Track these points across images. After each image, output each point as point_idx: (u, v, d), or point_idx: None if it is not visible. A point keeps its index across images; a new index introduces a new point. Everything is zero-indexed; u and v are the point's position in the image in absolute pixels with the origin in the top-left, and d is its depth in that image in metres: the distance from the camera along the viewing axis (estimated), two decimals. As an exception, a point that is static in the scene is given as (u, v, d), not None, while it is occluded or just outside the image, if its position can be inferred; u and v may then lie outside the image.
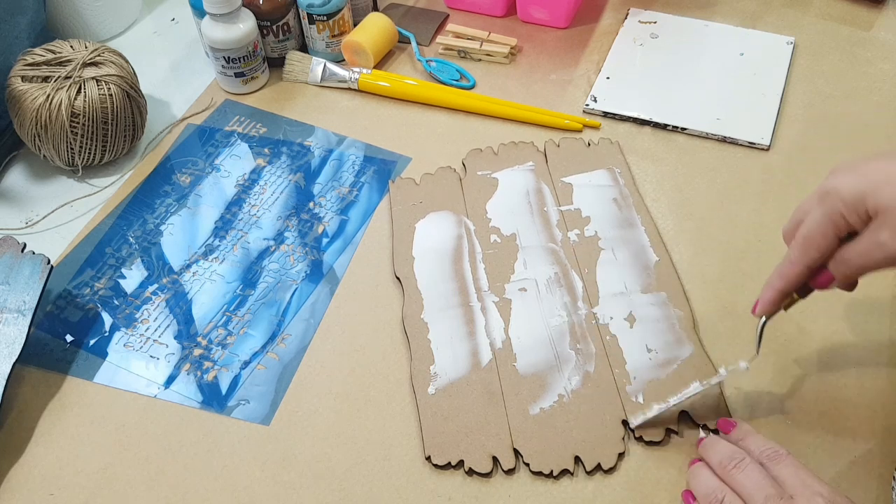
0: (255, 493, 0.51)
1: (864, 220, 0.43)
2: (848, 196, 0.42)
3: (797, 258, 0.46)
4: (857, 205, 0.42)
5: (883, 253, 0.42)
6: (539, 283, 0.60)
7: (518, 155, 0.70)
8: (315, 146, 0.73)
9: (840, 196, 0.42)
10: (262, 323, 0.60)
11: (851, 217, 0.43)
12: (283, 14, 0.77)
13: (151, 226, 0.67)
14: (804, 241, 0.45)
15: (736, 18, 0.82)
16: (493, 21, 0.84)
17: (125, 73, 0.69)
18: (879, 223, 0.42)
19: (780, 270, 0.47)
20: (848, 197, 0.42)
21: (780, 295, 0.48)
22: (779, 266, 0.47)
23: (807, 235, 0.45)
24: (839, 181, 0.43)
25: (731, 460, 0.46)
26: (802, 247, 0.45)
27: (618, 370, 0.54)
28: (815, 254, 0.45)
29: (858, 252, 0.43)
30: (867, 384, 0.54)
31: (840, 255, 0.44)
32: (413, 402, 0.54)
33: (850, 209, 0.42)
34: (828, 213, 0.43)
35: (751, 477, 0.45)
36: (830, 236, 0.44)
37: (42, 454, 0.53)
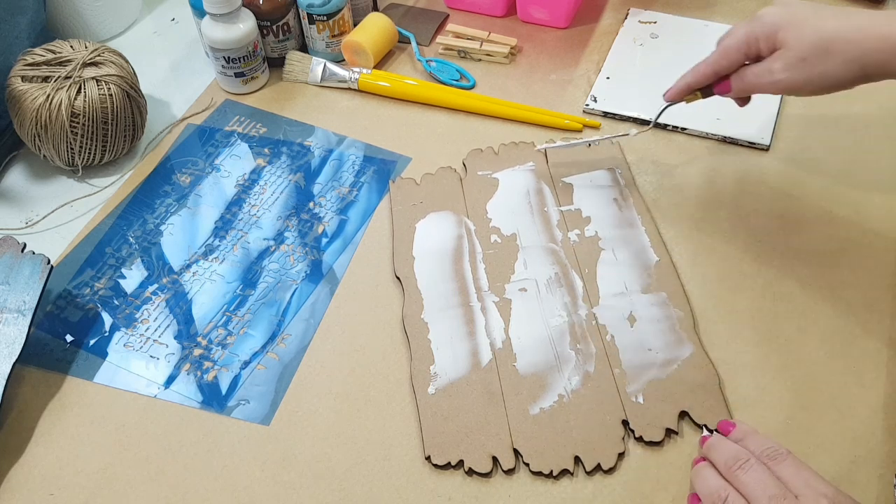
0: (255, 493, 0.51)
1: (771, 49, 0.51)
2: (768, 24, 0.51)
3: (711, 62, 0.55)
4: (770, 34, 0.51)
5: (771, 78, 0.51)
6: (539, 283, 0.60)
7: (518, 155, 0.70)
8: (315, 146, 0.73)
9: (762, 22, 0.51)
10: (262, 323, 0.60)
11: (763, 43, 0.51)
12: (283, 14, 0.77)
13: (151, 226, 0.67)
14: (721, 50, 0.54)
15: (736, 18, 0.82)
16: (493, 21, 0.84)
17: (125, 73, 0.69)
18: (777, 55, 0.51)
19: (695, 68, 0.57)
20: (767, 25, 0.51)
21: (688, 88, 0.58)
22: (696, 64, 0.57)
23: (725, 47, 0.54)
24: (769, 10, 0.51)
25: (737, 461, 0.46)
26: (718, 54, 0.54)
27: (618, 370, 0.54)
28: (725, 63, 0.54)
29: (754, 73, 0.53)
30: (867, 384, 0.54)
31: (741, 71, 0.54)
32: (413, 402, 0.54)
33: (765, 36, 0.51)
34: (747, 32, 0.52)
35: (755, 477, 0.45)
36: (742, 53, 0.53)
37: (42, 454, 0.53)
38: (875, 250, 0.61)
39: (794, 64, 0.50)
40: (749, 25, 0.52)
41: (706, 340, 0.56)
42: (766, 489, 0.44)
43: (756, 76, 0.53)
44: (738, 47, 0.53)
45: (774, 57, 0.51)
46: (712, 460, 0.48)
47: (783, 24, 0.50)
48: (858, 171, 0.67)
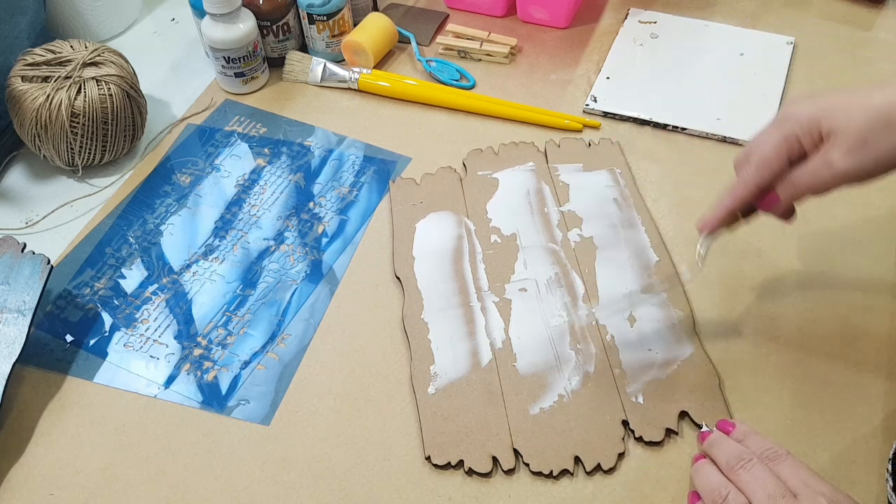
0: (255, 493, 0.51)
1: (816, 143, 0.45)
2: (804, 119, 0.45)
3: (751, 178, 0.47)
4: (811, 128, 0.45)
5: (831, 172, 0.44)
6: (539, 283, 0.60)
7: (518, 155, 0.70)
8: (315, 146, 0.73)
9: (796, 119, 0.45)
10: (262, 323, 0.60)
11: (805, 140, 0.45)
12: (283, 14, 0.77)
13: (151, 226, 0.67)
14: (760, 161, 0.47)
15: (736, 18, 0.83)
16: (493, 21, 0.84)
17: (125, 73, 0.69)
18: (831, 144, 0.44)
19: (731, 190, 0.49)
20: (804, 120, 0.45)
21: (729, 214, 0.50)
22: (731, 186, 0.49)
23: (762, 156, 0.47)
24: (796, 108, 0.46)
25: (739, 460, 0.46)
26: (757, 167, 0.47)
27: (618, 370, 0.54)
28: (768, 174, 0.47)
29: (808, 172, 0.45)
30: (867, 384, 0.54)
31: (790, 177, 0.46)
32: (413, 402, 0.54)
33: (804, 132, 0.45)
34: (784, 135, 0.46)
35: (755, 475, 0.45)
36: (784, 158, 0.46)
37: (42, 454, 0.53)
38: (875, 250, 0.61)
39: (856, 147, 0.43)
40: (781, 128, 0.46)
41: (706, 340, 0.56)
42: (766, 488, 0.44)
43: (812, 175, 0.45)
44: (778, 154, 0.46)
45: (828, 148, 0.44)
46: (714, 458, 0.48)
47: (823, 113, 0.44)
48: (858, 171, 0.67)
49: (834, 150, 0.44)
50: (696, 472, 0.48)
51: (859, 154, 0.43)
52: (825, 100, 0.45)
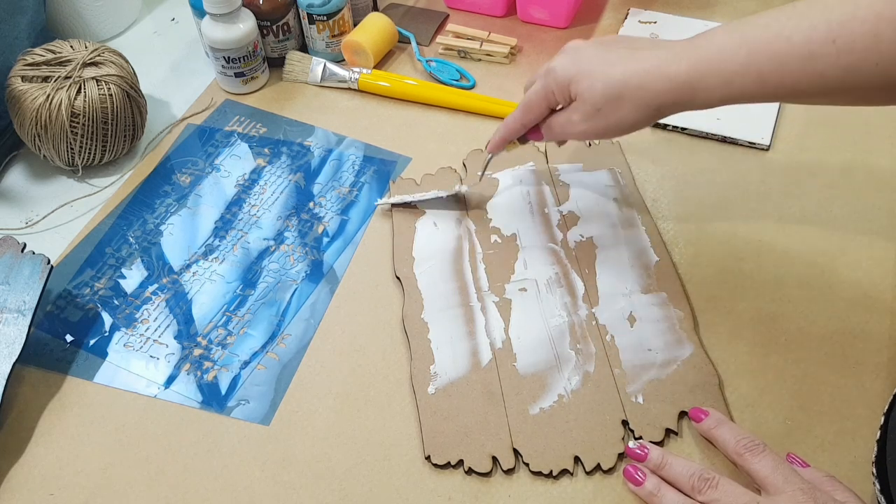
0: (255, 493, 0.51)
1: (568, 100, 0.53)
2: (560, 79, 0.52)
3: (518, 117, 0.57)
4: (563, 88, 0.52)
5: (573, 129, 0.53)
6: (539, 284, 0.60)
7: (519, 155, 0.70)
8: (315, 146, 0.73)
9: (555, 77, 0.52)
10: (261, 323, 0.60)
11: (560, 96, 0.53)
12: (283, 14, 0.77)
13: (151, 226, 0.67)
14: (525, 105, 0.56)
15: (736, 18, 0.82)
16: (493, 21, 0.84)
17: (125, 73, 0.69)
18: (573, 107, 0.52)
19: (505, 122, 0.58)
20: (560, 80, 0.52)
21: (504, 141, 0.59)
22: (506, 118, 0.58)
23: (527, 101, 0.55)
24: (559, 62, 0.52)
25: (704, 482, 0.46)
26: (523, 109, 0.56)
27: (618, 370, 0.54)
28: (531, 116, 0.56)
29: (558, 123, 0.54)
30: (867, 384, 0.54)
31: (547, 122, 0.55)
32: (413, 402, 0.54)
33: (559, 89, 0.52)
34: (544, 87, 0.53)
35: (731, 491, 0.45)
36: (543, 106, 0.54)
37: (42, 454, 0.53)
38: (875, 250, 0.61)
39: (591, 115, 0.51)
40: (544, 79, 0.53)
41: (706, 340, 0.56)
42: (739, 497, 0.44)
43: (561, 126, 0.54)
44: (538, 102, 0.54)
45: (572, 108, 0.52)
46: (670, 479, 0.47)
47: (574, 76, 0.51)
48: (858, 171, 0.67)
49: (575, 112, 0.52)
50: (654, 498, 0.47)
51: (593, 120, 0.51)
52: (581, 62, 0.51)
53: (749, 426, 0.52)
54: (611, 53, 0.51)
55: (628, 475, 0.49)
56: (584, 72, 0.50)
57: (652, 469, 0.48)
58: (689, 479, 0.46)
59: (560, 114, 0.54)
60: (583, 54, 0.51)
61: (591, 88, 0.50)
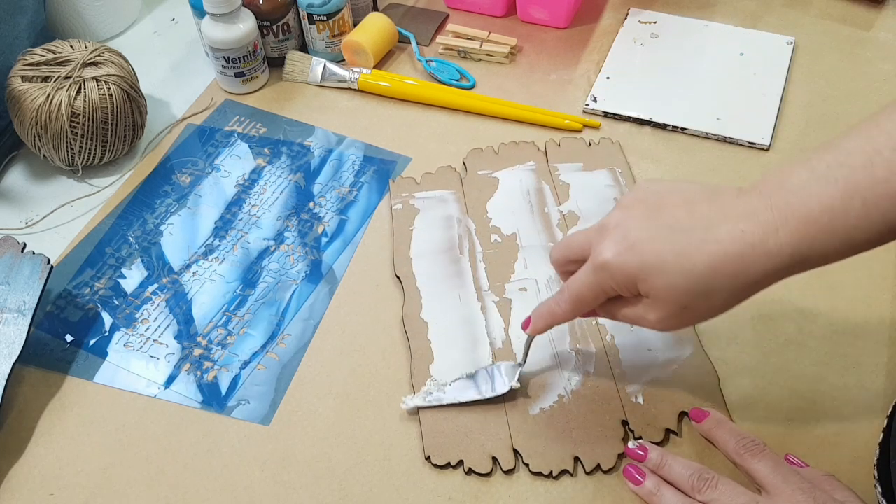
0: (255, 493, 0.51)
1: (634, 294, 0.44)
2: (619, 276, 0.43)
3: (568, 309, 0.47)
4: (628, 285, 0.43)
5: (649, 325, 0.44)
6: (539, 283, 0.60)
7: (519, 154, 0.70)
8: (315, 146, 0.73)
9: (612, 275, 0.43)
10: (261, 323, 0.60)
11: (622, 291, 0.44)
12: (283, 14, 0.77)
13: (151, 226, 0.67)
14: (577, 298, 0.46)
15: (736, 18, 0.82)
16: (493, 21, 0.84)
17: (125, 73, 0.69)
18: (649, 305, 0.43)
19: (551, 310, 0.48)
20: (619, 277, 0.43)
21: (549, 328, 0.50)
22: (551, 304, 0.48)
23: (580, 294, 0.46)
24: (612, 254, 0.43)
25: (704, 481, 0.45)
26: (574, 302, 0.46)
27: (618, 370, 0.54)
28: (585, 309, 0.47)
29: (627, 317, 0.46)
30: (867, 384, 0.54)
31: (609, 309, 0.46)
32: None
33: (621, 286, 0.44)
34: (598, 283, 0.44)
35: (730, 491, 0.45)
36: (600, 299, 0.46)
37: (42, 454, 0.53)
38: (875, 250, 0.61)
39: (674, 314, 0.43)
40: (597, 275, 0.44)
41: (706, 340, 0.56)
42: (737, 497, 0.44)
43: (629, 319, 0.46)
44: (593, 296, 0.45)
45: (645, 306, 0.44)
46: (669, 478, 0.47)
47: (638, 273, 0.42)
48: (858, 171, 0.67)
49: (651, 311, 0.43)
50: (653, 497, 0.47)
51: (677, 319, 0.43)
52: (643, 252, 0.42)
53: (749, 426, 0.52)
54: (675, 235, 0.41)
55: (628, 475, 0.49)
56: (651, 267, 0.41)
57: (651, 469, 0.48)
58: (689, 479, 0.46)
59: (626, 308, 0.45)
60: (638, 239, 0.42)
61: (671, 287, 0.41)
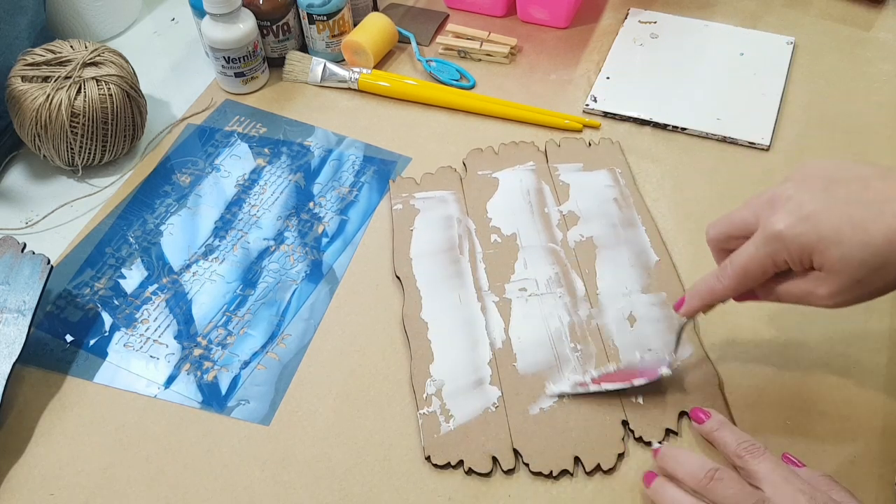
0: (255, 493, 0.51)
1: (805, 268, 0.43)
2: (795, 248, 0.42)
3: (730, 286, 0.46)
4: (802, 257, 0.42)
5: (815, 302, 0.43)
6: (539, 283, 0.60)
7: (518, 155, 0.70)
8: (315, 146, 0.73)
9: (786, 246, 0.42)
10: (261, 323, 0.60)
11: (794, 263, 0.43)
12: (283, 14, 0.77)
13: (151, 226, 0.67)
14: (743, 272, 0.45)
15: (736, 18, 0.83)
16: (493, 21, 0.84)
17: (125, 73, 0.69)
18: (822, 279, 0.42)
19: (710, 286, 0.47)
20: (794, 248, 0.42)
21: (706, 306, 0.49)
22: (711, 280, 0.47)
23: (746, 268, 0.45)
24: (787, 225, 0.42)
25: (706, 472, 0.45)
26: (739, 277, 0.45)
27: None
28: (750, 285, 0.46)
29: (792, 293, 0.44)
30: (867, 384, 0.54)
31: (773, 288, 0.45)
32: (413, 402, 0.54)
33: (793, 258, 0.43)
34: (770, 255, 0.43)
35: (731, 487, 0.44)
36: (768, 274, 0.44)
37: (42, 454, 0.53)
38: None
39: (848, 288, 0.42)
40: (769, 246, 0.43)
41: (706, 340, 0.56)
42: (746, 498, 0.43)
43: (795, 297, 0.44)
44: (761, 271, 0.44)
45: (817, 280, 0.43)
46: (673, 474, 0.47)
47: (815, 244, 0.41)
48: (858, 171, 0.67)
49: (822, 285, 0.42)
50: (657, 495, 0.47)
51: (851, 293, 0.42)
52: (819, 224, 0.41)
53: (749, 426, 0.52)
54: (852, 208, 0.41)
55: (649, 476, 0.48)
56: (828, 238, 0.41)
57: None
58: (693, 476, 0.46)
59: (795, 284, 0.44)
60: (814, 211, 0.42)
61: (847, 259, 0.41)
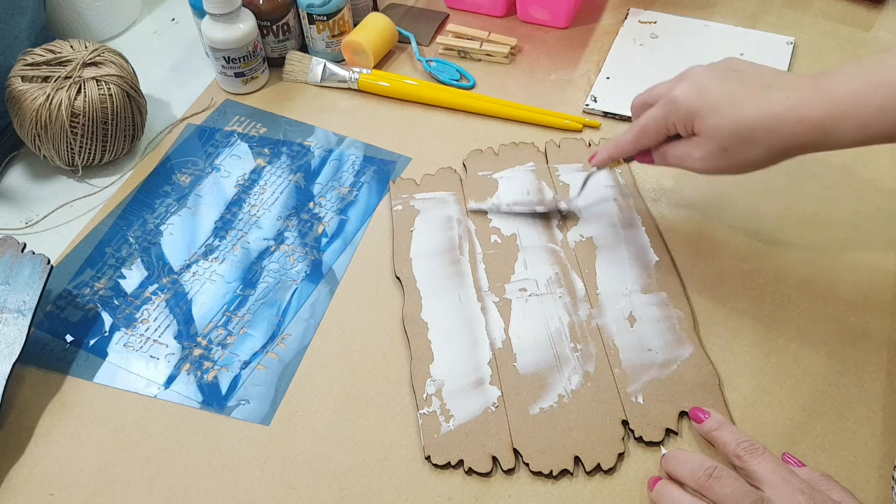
0: (255, 493, 0.51)
1: (689, 132, 0.51)
2: (682, 111, 0.50)
3: (631, 140, 0.55)
4: (686, 120, 0.50)
5: (692, 163, 0.51)
6: (539, 284, 0.60)
7: (518, 155, 0.70)
8: (315, 146, 0.73)
9: (677, 108, 0.50)
10: (262, 323, 0.60)
11: (680, 127, 0.51)
12: (283, 14, 0.77)
13: (151, 226, 0.67)
14: (641, 130, 0.54)
15: (736, 18, 0.83)
16: (493, 21, 0.84)
17: (125, 73, 0.69)
18: (697, 143, 0.50)
19: (616, 141, 0.57)
20: (682, 112, 0.50)
21: (612, 159, 0.58)
22: (618, 137, 0.57)
23: (644, 127, 0.53)
24: (682, 92, 0.50)
25: (704, 470, 0.45)
26: (638, 134, 0.54)
27: (618, 370, 0.54)
28: (645, 141, 0.54)
29: (675, 155, 0.52)
30: (867, 384, 0.54)
31: (662, 150, 0.54)
32: (413, 402, 0.54)
33: (680, 121, 0.50)
34: (664, 115, 0.51)
35: (729, 485, 0.44)
36: (661, 134, 0.53)
37: (42, 454, 0.53)
38: (875, 250, 0.61)
39: (715, 153, 0.49)
40: (664, 108, 0.51)
41: (706, 340, 0.56)
42: (745, 496, 0.43)
43: (677, 158, 0.52)
44: (655, 129, 0.52)
45: (694, 143, 0.50)
46: (675, 475, 0.47)
47: (699, 111, 0.49)
48: (858, 171, 0.67)
49: (697, 148, 0.50)
50: (659, 496, 0.47)
51: (716, 159, 0.50)
52: (707, 95, 0.49)
53: (749, 426, 0.52)
54: (737, 88, 0.48)
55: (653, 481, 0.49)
56: (709, 107, 0.48)
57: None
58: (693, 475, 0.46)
59: (678, 145, 0.52)
60: (707, 86, 0.49)
61: (718, 127, 0.48)
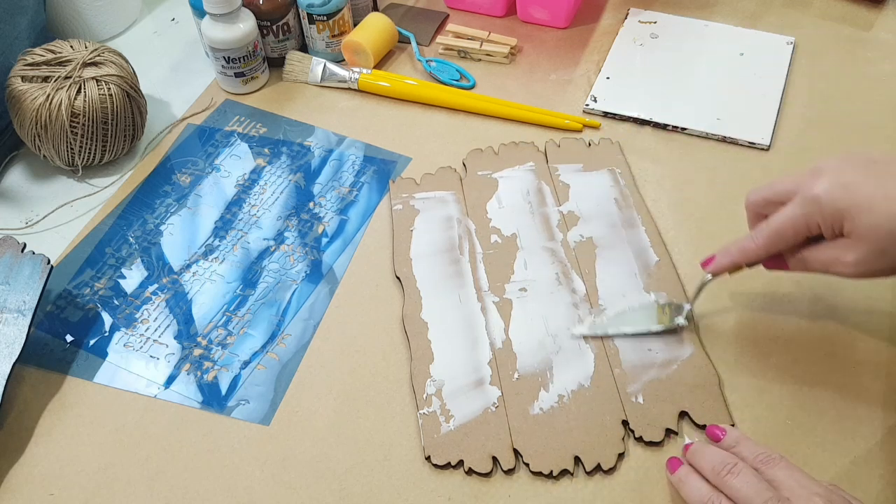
0: (255, 493, 0.51)
1: (836, 233, 0.45)
2: (828, 211, 0.44)
3: (762, 245, 0.48)
4: (834, 221, 0.44)
5: (842, 269, 0.45)
6: (539, 284, 0.60)
7: (518, 155, 0.70)
8: (315, 146, 0.73)
9: (821, 208, 0.44)
10: (261, 323, 0.60)
11: (825, 228, 0.45)
12: (283, 14, 0.77)
13: (151, 226, 0.67)
14: (775, 233, 0.47)
15: (736, 18, 0.83)
16: (493, 21, 0.84)
17: (125, 73, 0.69)
18: (849, 245, 0.44)
19: (742, 246, 0.50)
20: (827, 212, 0.44)
21: (735, 266, 0.51)
22: (743, 241, 0.49)
23: (779, 230, 0.47)
24: (824, 189, 0.44)
25: (724, 466, 0.45)
26: (771, 238, 0.48)
27: (618, 370, 0.54)
28: (781, 246, 0.48)
29: (821, 260, 0.46)
30: (867, 384, 0.54)
31: (802, 255, 0.47)
32: (413, 402, 0.54)
33: (826, 221, 0.45)
34: (805, 216, 0.45)
35: (747, 481, 0.44)
36: (800, 236, 0.47)
37: (42, 454, 0.53)
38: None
39: (871, 256, 0.44)
40: (805, 207, 0.45)
41: (706, 340, 0.56)
42: (760, 493, 0.43)
43: (823, 264, 0.46)
44: (794, 232, 0.46)
45: (844, 246, 0.45)
46: (698, 466, 0.47)
47: (848, 210, 0.43)
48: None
49: (849, 252, 0.44)
50: (681, 483, 0.47)
51: (871, 263, 0.44)
52: (854, 192, 0.43)
53: (749, 426, 0.52)
54: (885, 179, 0.43)
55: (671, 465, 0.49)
56: (861, 205, 0.43)
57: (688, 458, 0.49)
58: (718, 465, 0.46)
59: (822, 249, 0.46)
60: (852, 181, 0.44)
61: (875, 227, 0.43)
